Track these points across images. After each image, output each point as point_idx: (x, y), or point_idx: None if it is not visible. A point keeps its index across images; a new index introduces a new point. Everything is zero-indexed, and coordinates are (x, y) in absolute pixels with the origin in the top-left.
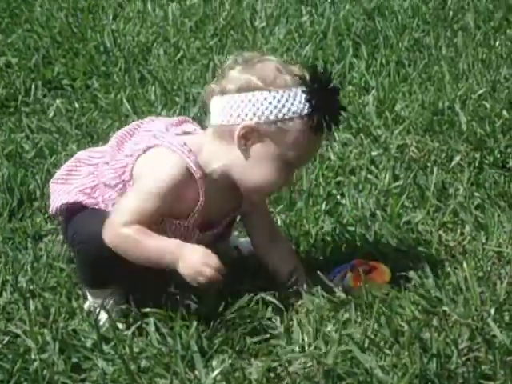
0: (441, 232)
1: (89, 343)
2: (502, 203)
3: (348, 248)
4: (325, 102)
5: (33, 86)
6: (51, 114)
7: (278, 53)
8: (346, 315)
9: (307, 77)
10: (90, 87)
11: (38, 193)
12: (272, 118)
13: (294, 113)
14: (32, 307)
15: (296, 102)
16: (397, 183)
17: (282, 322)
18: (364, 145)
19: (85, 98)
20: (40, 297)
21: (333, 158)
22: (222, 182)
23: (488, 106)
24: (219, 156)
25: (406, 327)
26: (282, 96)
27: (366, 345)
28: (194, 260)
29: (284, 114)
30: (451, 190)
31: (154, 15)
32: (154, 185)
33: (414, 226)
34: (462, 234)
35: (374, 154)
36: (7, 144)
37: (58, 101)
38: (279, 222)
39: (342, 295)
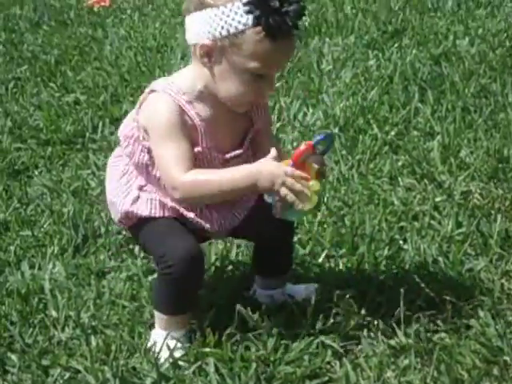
0: (503, 280)
1: (148, 381)
2: None
3: (409, 293)
4: (271, 7)
5: (100, 124)
6: None
7: (344, 96)
8: (406, 361)
9: None
10: None
11: (102, 230)
12: (224, 33)
13: (243, 25)
14: (93, 343)
15: (239, 14)
16: (460, 230)
17: (341, 366)
18: (428, 190)
19: None
20: (102, 333)
21: (396, 202)
22: (215, 105)
23: None
24: (197, 77)
25: (465, 376)
26: (230, 10)
27: None
28: (272, 170)
29: (235, 28)
30: None
31: None
32: (163, 132)
33: (477, 273)
34: None
35: (437, 199)
36: (73, 180)
37: None
38: (341, 266)
39: (403, 340)
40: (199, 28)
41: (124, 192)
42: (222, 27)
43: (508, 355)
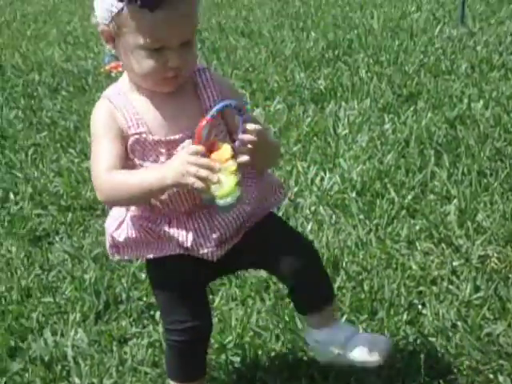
0: None
1: None
2: None
3: (429, 359)
4: None
5: None
6: None
7: (361, 160)
8: None
9: None
10: None
11: (123, 296)
12: (108, 15)
13: (116, 6)
14: None
15: None
16: (478, 294)
17: None
18: (445, 254)
19: None
20: None
21: (414, 267)
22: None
23: None
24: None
25: None
26: None
27: None
28: (176, 163)
29: (115, 8)
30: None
31: None
32: (93, 131)
33: (495, 338)
34: None
35: (455, 264)
36: (94, 246)
37: None
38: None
39: None
40: (98, 14)
41: (113, 215)
42: (106, 10)
43: None
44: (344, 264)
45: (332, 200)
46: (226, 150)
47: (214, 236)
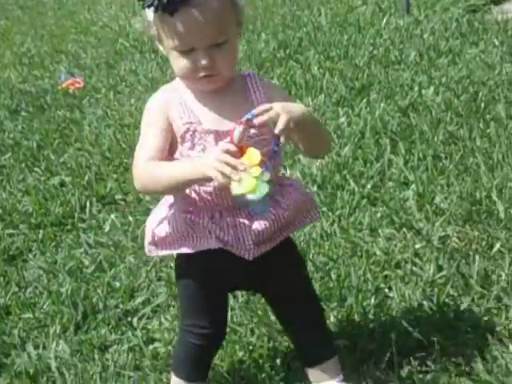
0: (486, 318)
1: None
2: None
3: (399, 339)
4: None
5: (88, 203)
6: (107, 229)
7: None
8: None
9: None
10: (142, 200)
11: (100, 305)
12: (148, 24)
13: (151, 16)
14: None
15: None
16: (441, 273)
17: None
18: (407, 238)
19: (138, 211)
20: None
21: (378, 253)
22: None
23: None
24: None
25: None
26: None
27: None
28: (207, 157)
29: (149, 20)
30: (494, 277)
31: None
32: (145, 119)
33: (461, 313)
34: (506, 318)
35: (417, 246)
36: (67, 260)
37: (112, 215)
38: (332, 319)
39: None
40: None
41: (155, 214)
42: (147, 17)
43: None
44: (311, 256)
45: None
46: (255, 155)
47: (253, 235)
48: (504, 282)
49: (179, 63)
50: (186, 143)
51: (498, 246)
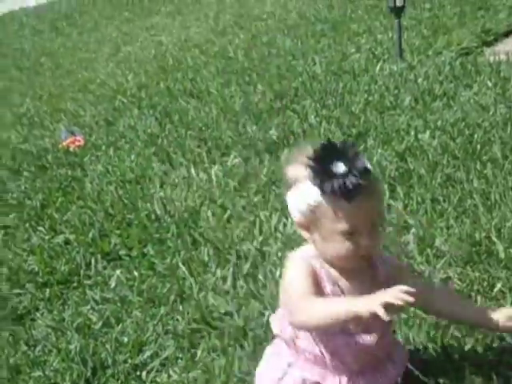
0: (490, 357)
1: None
2: None
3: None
4: (329, 173)
5: (93, 260)
6: (113, 285)
7: None
8: None
9: (312, 163)
10: (146, 255)
11: (109, 360)
12: (306, 207)
13: (314, 199)
14: None
15: (310, 189)
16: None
17: None
18: None
19: (143, 266)
20: None
21: None
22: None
23: None
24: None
25: None
26: (302, 189)
27: None
28: (373, 297)
29: (313, 201)
30: None
31: (198, 179)
32: (294, 274)
33: (465, 354)
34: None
35: None
36: (75, 317)
37: (117, 271)
38: None
39: None
40: (291, 206)
41: (272, 368)
42: (302, 201)
43: None
44: None
45: (297, 243)
46: None
47: None
48: None
49: (342, 245)
50: None
51: (499, 285)
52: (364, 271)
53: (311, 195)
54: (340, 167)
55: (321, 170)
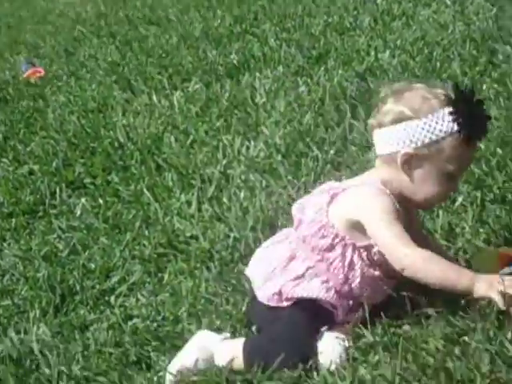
0: None
1: None
2: (507, 235)
3: None
4: (471, 117)
5: (57, 189)
6: (78, 213)
7: (281, 124)
8: (376, 357)
9: (452, 96)
10: (110, 182)
11: (77, 287)
12: (427, 141)
13: (445, 132)
14: None
15: (445, 122)
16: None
17: (317, 371)
18: None
19: (107, 193)
20: (94, 381)
21: None
22: (400, 203)
23: (482, 146)
24: (391, 182)
25: (431, 360)
26: (432, 120)
27: (397, 381)
28: (491, 279)
29: (437, 136)
30: (458, 230)
31: (160, 106)
32: (385, 216)
33: None
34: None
35: None
36: (42, 246)
37: (82, 199)
38: None
39: (371, 339)
40: (399, 138)
41: (288, 272)
42: (425, 135)
43: (466, 335)
44: (280, 224)
45: (260, 166)
46: None
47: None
48: (468, 234)
49: (443, 186)
50: None
51: (460, 200)
52: (409, 217)
53: (444, 128)
54: (481, 112)
55: (464, 109)
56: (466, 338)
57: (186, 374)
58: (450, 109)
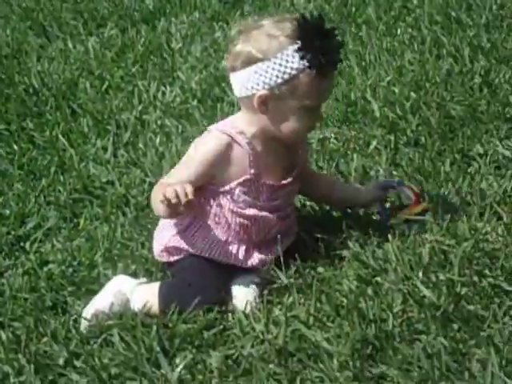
0: (365, 211)
1: (61, 361)
2: (419, 177)
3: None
4: (319, 50)
5: None
6: None
7: (197, 69)
8: (290, 299)
9: (297, 31)
10: (25, 128)
11: None
12: (279, 81)
13: (296, 69)
14: (4, 337)
15: (295, 59)
16: (321, 172)
17: (232, 314)
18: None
19: (22, 139)
20: (9, 327)
21: None
22: (267, 141)
23: (396, 90)
24: (252, 122)
25: (345, 301)
26: (282, 59)
27: (310, 322)
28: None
29: (289, 75)
30: (372, 173)
31: (75, 51)
32: (199, 153)
33: (342, 210)
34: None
35: None
36: None
37: None
38: None
39: (285, 280)
40: (252, 81)
41: (171, 227)
42: (277, 76)
43: (379, 276)
44: None
45: (176, 111)
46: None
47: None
48: (382, 177)
49: (300, 120)
50: (241, 190)
51: (374, 143)
52: (286, 153)
53: (295, 65)
54: (328, 43)
55: (311, 43)
56: (378, 279)
57: (100, 318)
58: (297, 45)
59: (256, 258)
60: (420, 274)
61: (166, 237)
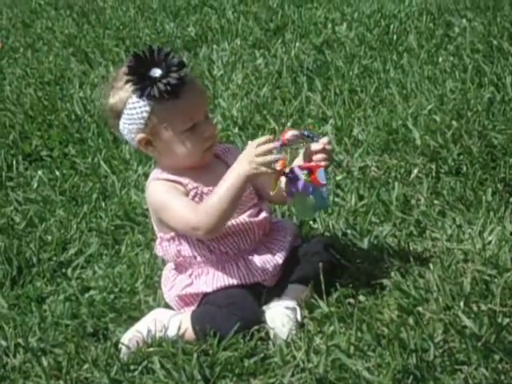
0: (408, 241)
1: None
2: (461, 206)
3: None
4: (148, 79)
5: (14, 162)
6: (35, 185)
7: (239, 97)
8: (331, 328)
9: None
10: (67, 154)
11: (34, 259)
12: (142, 122)
13: (145, 107)
14: (45, 363)
15: (140, 101)
16: (362, 202)
17: (273, 342)
18: (328, 171)
19: (64, 166)
20: (51, 353)
21: None
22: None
23: (438, 119)
24: (161, 163)
25: (386, 330)
26: (133, 105)
27: (351, 351)
28: (241, 156)
29: (146, 114)
30: (413, 202)
31: None
32: (159, 202)
33: (383, 239)
34: (431, 238)
35: (338, 178)
36: None
37: (39, 172)
38: None
39: (326, 309)
40: (127, 130)
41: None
42: (138, 119)
43: (420, 305)
44: None
45: (217, 138)
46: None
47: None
48: (423, 206)
49: (188, 142)
50: None
51: (415, 171)
52: (215, 167)
53: (142, 107)
54: (156, 71)
55: (140, 79)
56: (419, 309)
57: (141, 346)
58: (133, 88)
59: (258, 262)
60: (461, 304)
61: (172, 294)
